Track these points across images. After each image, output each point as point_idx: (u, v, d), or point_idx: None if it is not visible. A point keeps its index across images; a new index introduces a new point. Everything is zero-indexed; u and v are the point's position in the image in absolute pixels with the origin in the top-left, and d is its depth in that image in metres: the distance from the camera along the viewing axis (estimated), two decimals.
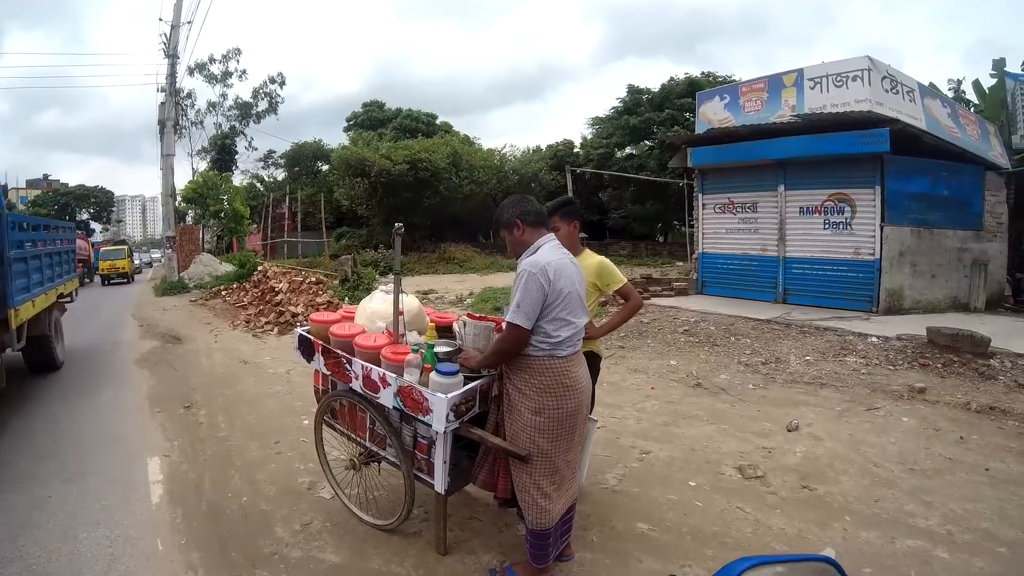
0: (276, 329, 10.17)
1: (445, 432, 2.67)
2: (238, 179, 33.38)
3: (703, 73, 22.29)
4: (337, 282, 12.79)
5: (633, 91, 22.78)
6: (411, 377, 2.73)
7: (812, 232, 10.50)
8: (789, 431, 4.91)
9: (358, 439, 3.31)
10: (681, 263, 18.96)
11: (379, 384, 2.88)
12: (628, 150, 23.72)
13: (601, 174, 21.69)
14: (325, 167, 31.07)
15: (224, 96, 35.99)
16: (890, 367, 6.83)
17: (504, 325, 2.56)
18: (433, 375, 2.69)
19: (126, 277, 24.34)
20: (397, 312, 3.09)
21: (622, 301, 3.48)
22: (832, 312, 9.70)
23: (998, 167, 11.26)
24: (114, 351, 9.28)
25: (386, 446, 3.12)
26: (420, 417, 2.70)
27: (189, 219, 27.29)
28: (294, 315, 10.54)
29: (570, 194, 13.49)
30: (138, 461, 4.56)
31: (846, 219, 10.06)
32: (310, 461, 4.22)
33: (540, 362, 2.51)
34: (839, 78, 10.22)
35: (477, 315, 3.19)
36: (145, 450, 4.80)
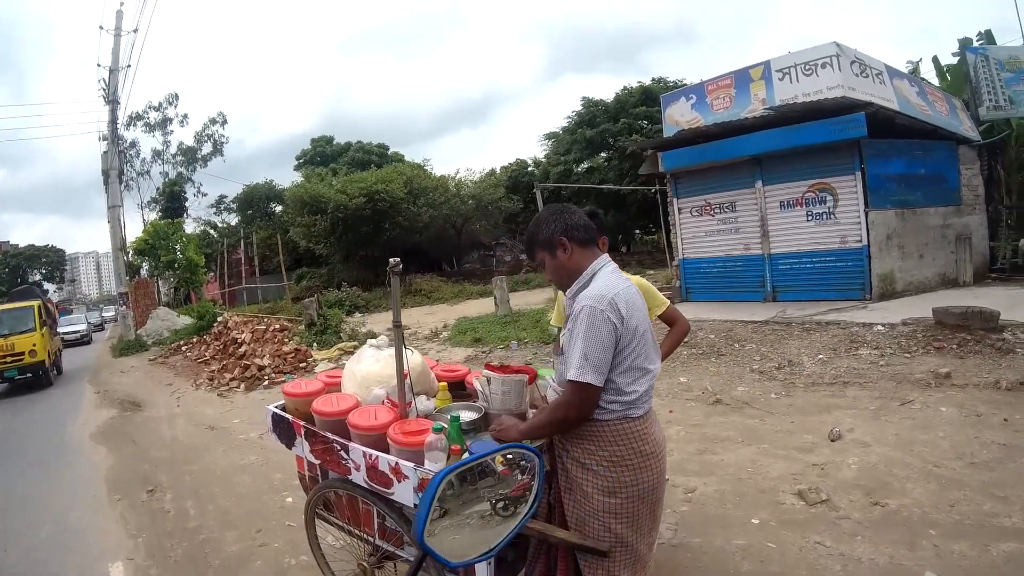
0: (242, 385, 9.75)
1: None
2: (190, 227, 33.06)
3: (654, 79, 22.81)
4: (303, 327, 12.46)
5: (588, 103, 23.11)
6: (436, 465, 2.17)
7: (795, 225, 10.67)
8: (832, 441, 4.82)
9: (364, 536, 2.71)
10: (652, 271, 19.10)
11: (391, 477, 2.29)
12: (585, 164, 23.97)
13: (560, 190, 21.87)
14: (279, 208, 30.98)
15: (167, 143, 36.12)
16: (906, 355, 6.87)
17: (567, 385, 1.97)
18: (467, 458, 2.20)
19: (34, 372, 13.33)
20: (401, 375, 2.48)
21: (666, 327, 3.15)
22: (826, 304, 9.81)
23: (969, 140, 11.71)
24: (68, 424, 8.82)
25: (403, 544, 2.54)
26: None
27: (144, 272, 26.65)
28: (260, 368, 10.16)
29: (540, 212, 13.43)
30: (97, 568, 4.09)
31: (829, 208, 10.25)
32: (302, 553, 3.70)
33: (610, 427, 2.01)
34: (808, 66, 10.50)
35: (497, 365, 2.69)
36: (105, 552, 4.30)
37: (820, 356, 7.31)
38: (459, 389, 2.98)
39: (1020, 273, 10.98)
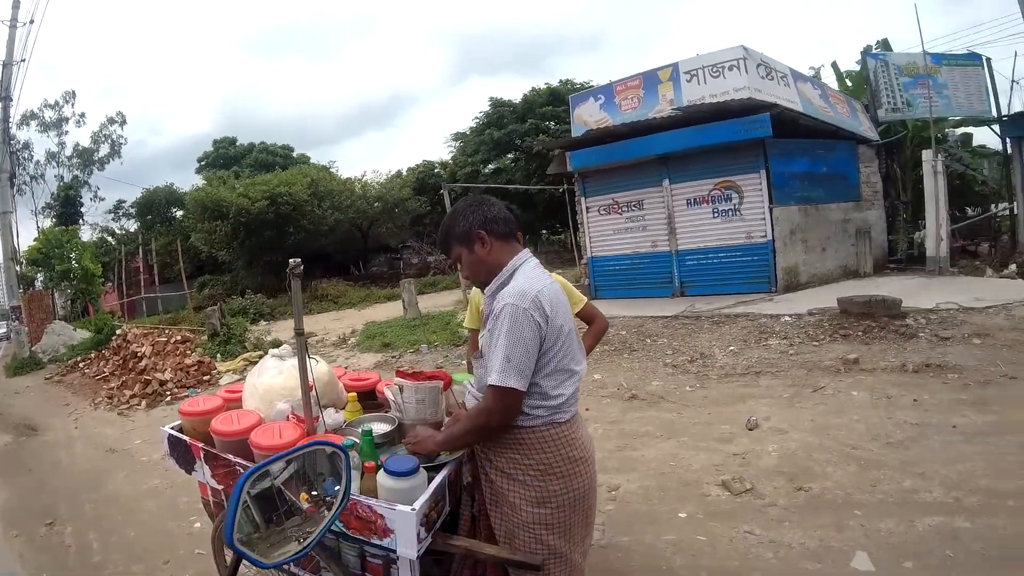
0: (143, 402, 8.95)
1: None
2: (87, 234, 30.69)
3: (561, 81, 23.12)
4: (206, 337, 11.70)
5: (496, 104, 23.12)
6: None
7: (702, 222, 10.87)
8: (750, 430, 4.75)
9: None
10: (561, 270, 19.22)
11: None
12: (492, 165, 24.02)
13: (467, 191, 21.78)
14: (179, 213, 29.43)
15: (63, 145, 33.34)
16: (814, 343, 7.00)
17: (488, 390, 1.81)
18: (382, 477, 1.90)
19: None
20: (306, 387, 2.25)
21: (584, 325, 2.98)
22: (734, 298, 10.02)
23: (869, 140, 12.43)
24: None
25: (320, 570, 2.25)
26: (376, 541, 1.90)
27: (39, 284, 24.42)
28: (162, 383, 9.41)
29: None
30: None
31: (734, 205, 10.50)
32: None
33: (536, 434, 1.86)
34: (715, 69, 10.76)
35: (409, 371, 2.44)
36: None
37: (731, 348, 7.35)
38: (370, 399, 2.77)
39: (916, 264, 11.69)
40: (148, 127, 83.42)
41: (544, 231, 29.48)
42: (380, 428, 2.31)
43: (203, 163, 34.70)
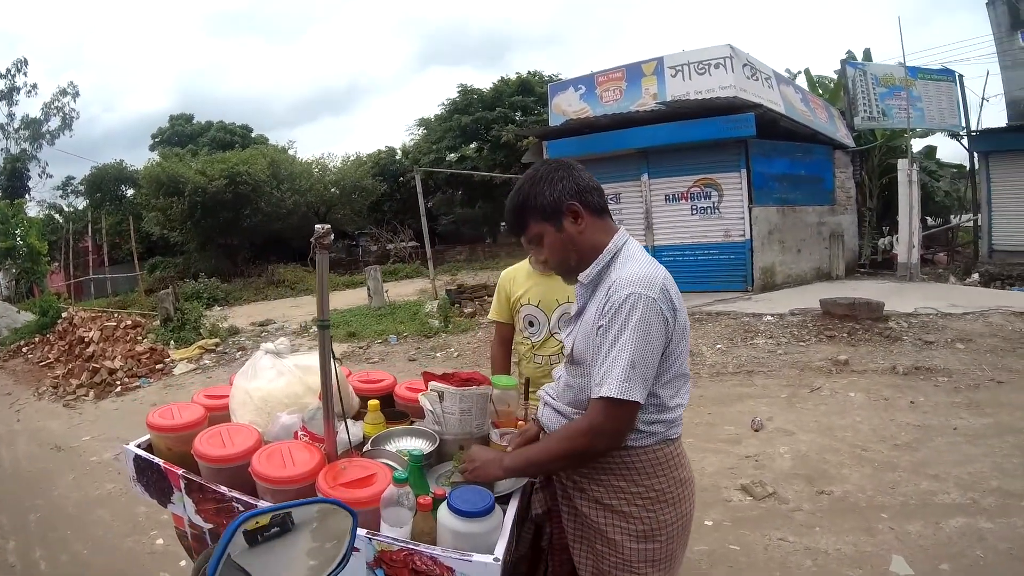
0: (91, 393, 8.44)
1: None
2: (33, 211, 29.01)
3: (530, 73, 23.12)
4: (158, 323, 11.22)
5: (465, 91, 22.95)
6: (398, 530, 1.49)
7: (680, 219, 11.04)
8: (756, 431, 4.86)
9: None
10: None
11: None
12: (457, 154, 23.91)
13: (432, 175, 21.60)
14: (131, 191, 28.34)
15: (12, 116, 31.53)
16: (801, 343, 7.21)
17: (600, 404, 1.46)
18: (448, 518, 1.48)
19: None
20: (331, 395, 1.73)
21: None
22: (711, 296, 10.23)
23: (845, 146, 12.87)
24: None
25: None
26: None
27: None
28: (111, 372, 8.89)
29: (420, 198, 12.92)
30: None
31: (713, 203, 10.71)
32: None
33: (649, 455, 1.56)
34: (701, 66, 10.93)
35: (440, 374, 2.05)
36: None
37: (719, 346, 7.51)
38: (386, 405, 2.25)
39: (882, 268, 12.20)
40: (102, 103, 79.77)
41: (503, 223, 29.55)
42: (417, 446, 1.89)
43: (158, 139, 33.59)
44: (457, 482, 1.63)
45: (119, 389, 8.50)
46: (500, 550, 1.44)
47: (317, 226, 1.69)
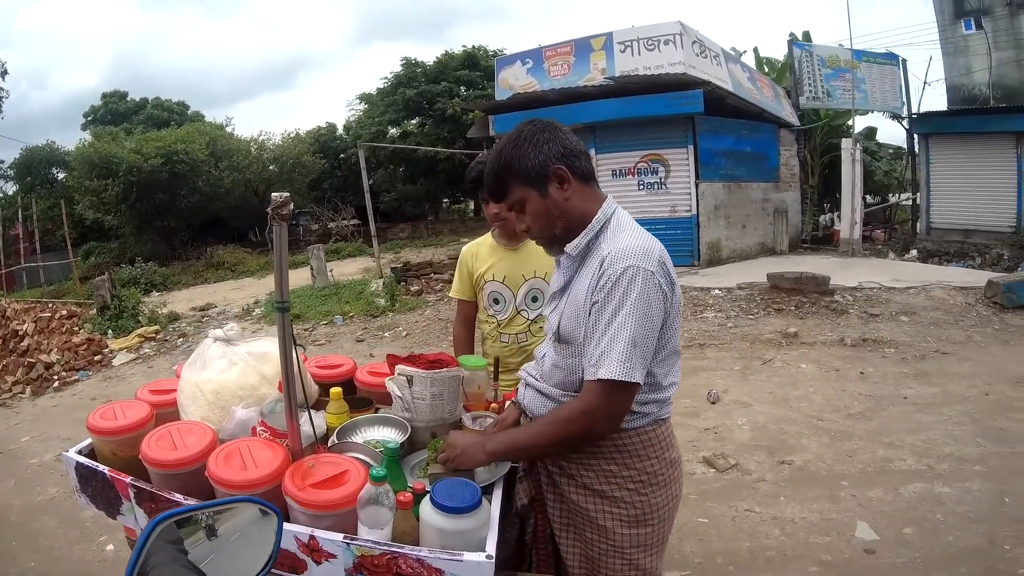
0: (28, 389, 7.88)
1: None
2: None
3: (475, 47, 22.76)
4: (94, 311, 10.67)
5: (408, 64, 22.40)
6: (378, 532, 1.35)
7: (627, 194, 11.02)
8: (713, 403, 4.87)
9: None
10: (466, 239, 19.21)
11: (303, 557, 1.40)
12: (396, 129, 23.53)
13: (375, 153, 21.14)
14: (62, 175, 26.88)
15: None
16: (750, 317, 7.32)
17: (596, 386, 1.36)
18: (432, 515, 1.35)
19: None
20: (293, 384, 1.51)
21: None
22: None
23: (790, 125, 13.10)
24: None
25: None
26: None
27: None
28: (48, 366, 8.36)
29: (364, 175, 12.53)
30: None
31: (660, 179, 10.76)
32: None
33: (641, 437, 1.48)
34: (650, 42, 10.87)
35: (405, 356, 1.86)
36: None
37: None
38: (347, 392, 2.01)
39: (823, 244, 12.56)
40: (31, 80, 74.91)
41: (445, 200, 29.32)
42: (388, 436, 1.73)
43: (90, 119, 31.89)
44: (435, 473, 1.50)
45: (57, 384, 7.98)
46: (491, 546, 1.33)
47: (274, 195, 1.49)
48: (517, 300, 2.35)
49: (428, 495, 1.37)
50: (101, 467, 1.70)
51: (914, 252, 11.31)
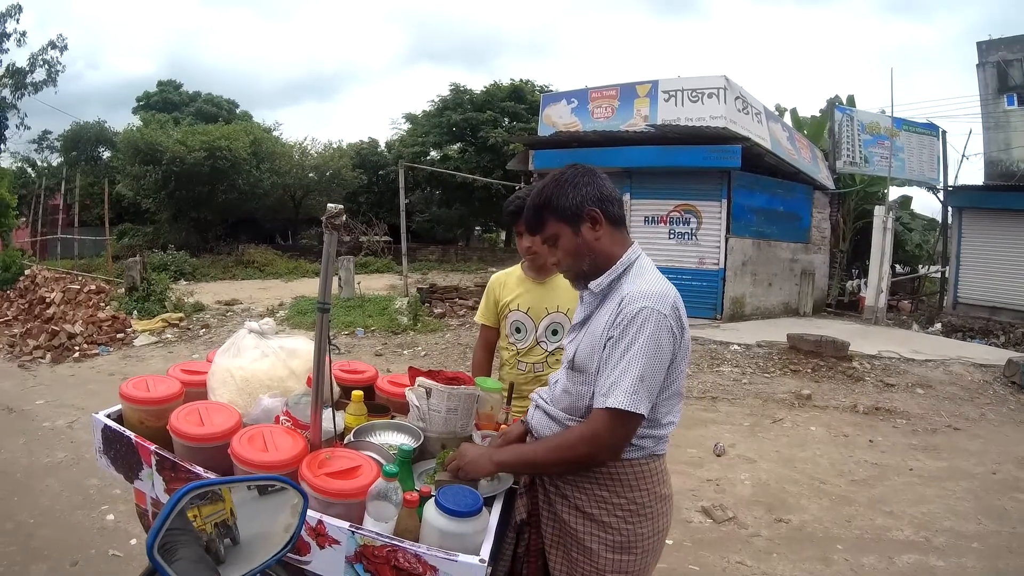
0: (48, 355, 8.23)
1: None
2: (7, 162, 28.00)
3: (522, 80, 23.33)
4: (123, 291, 11.08)
5: (457, 90, 23.02)
6: (383, 525, 1.48)
7: (657, 241, 11.16)
8: (718, 456, 4.94)
9: None
10: (494, 268, 19.37)
11: (309, 540, 1.51)
12: (440, 152, 24.02)
13: (415, 170, 21.59)
14: (107, 154, 27.70)
15: None
16: (765, 375, 7.36)
17: (603, 414, 1.49)
18: (435, 516, 1.47)
19: None
20: (323, 381, 1.74)
21: None
22: None
23: (824, 187, 13.21)
24: None
25: None
26: None
27: None
28: (71, 336, 8.71)
29: (402, 193, 12.88)
30: None
31: (691, 229, 10.90)
32: None
33: (634, 469, 1.60)
34: (695, 93, 11.10)
35: (425, 370, 2.02)
36: None
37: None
38: (367, 398, 2.17)
39: (848, 309, 12.55)
40: (87, 59, 77.84)
41: (478, 228, 29.65)
42: (400, 441, 1.87)
43: (143, 103, 32.86)
44: (442, 481, 1.63)
45: (77, 354, 8.31)
46: (486, 551, 1.44)
47: (330, 205, 1.68)
48: (538, 331, 2.49)
49: (433, 498, 1.49)
50: (128, 432, 1.83)
51: (938, 325, 11.25)
